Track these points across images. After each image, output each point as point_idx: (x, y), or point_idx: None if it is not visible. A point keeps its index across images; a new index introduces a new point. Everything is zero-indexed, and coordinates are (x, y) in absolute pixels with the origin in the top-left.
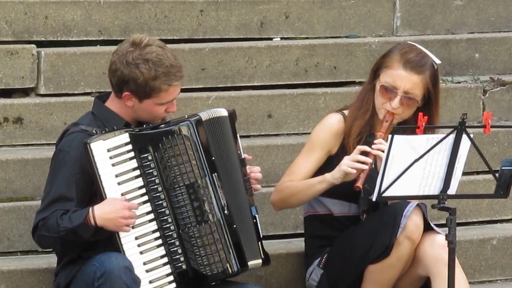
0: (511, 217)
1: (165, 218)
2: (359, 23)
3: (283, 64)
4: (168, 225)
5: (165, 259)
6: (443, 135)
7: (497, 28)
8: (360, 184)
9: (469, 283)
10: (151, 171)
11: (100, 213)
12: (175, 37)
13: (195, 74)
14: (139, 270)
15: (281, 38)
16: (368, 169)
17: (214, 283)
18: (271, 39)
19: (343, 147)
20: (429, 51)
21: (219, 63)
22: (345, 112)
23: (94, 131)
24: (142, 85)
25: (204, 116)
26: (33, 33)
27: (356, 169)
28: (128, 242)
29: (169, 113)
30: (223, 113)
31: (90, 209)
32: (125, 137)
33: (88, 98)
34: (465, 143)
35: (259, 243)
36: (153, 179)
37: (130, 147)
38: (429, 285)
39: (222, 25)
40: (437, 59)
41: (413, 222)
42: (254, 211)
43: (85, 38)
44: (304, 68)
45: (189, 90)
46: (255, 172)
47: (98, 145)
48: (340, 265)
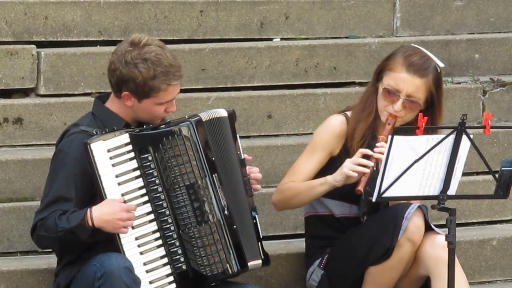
0: (511, 217)
1: (165, 218)
2: (359, 23)
3: (283, 64)
4: (168, 226)
5: (165, 260)
6: (443, 136)
7: (497, 29)
8: (361, 188)
9: (469, 283)
10: (151, 171)
11: (98, 214)
12: (175, 38)
13: (195, 75)
14: (139, 271)
15: (281, 39)
16: (369, 172)
17: (214, 283)
18: (271, 39)
19: (345, 149)
20: (429, 51)
21: (219, 63)
22: (348, 113)
23: (94, 132)
24: (141, 84)
25: (204, 117)
26: (33, 34)
27: (357, 173)
28: (128, 243)
29: (168, 113)
30: (223, 113)
31: (88, 210)
32: (125, 137)
33: (88, 98)
34: (465, 143)
35: (259, 243)
36: (153, 179)
37: (130, 147)
38: (429, 285)
39: (222, 25)
40: (441, 62)
41: (414, 224)
42: (254, 212)
43: (85, 39)
44: (304, 69)
45: (189, 91)
46: (254, 173)
47: (98, 145)
48: (340, 266)
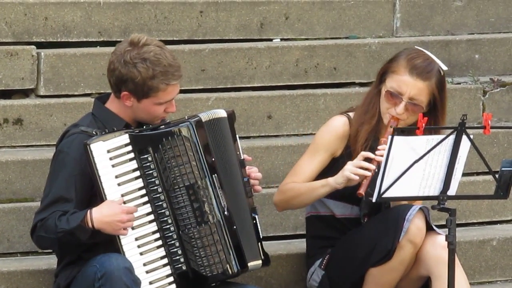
0: (511, 218)
1: (165, 219)
2: (359, 24)
3: (283, 65)
4: (168, 226)
5: (165, 260)
6: (443, 136)
7: (497, 29)
8: (362, 191)
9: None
10: (151, 172)
11: (98, 216)
12: (175, 38)
13: (195, 75)
14: (139, 271)
15: (281, 39)
16: (371, 175)
17: (214, 284)
18: (271, 40)
19: (347, 150)
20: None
21: (219, 64)
22: (350, 115)
23: (94, 132)
24: (140, 84)
25: (204, 117)
26: (33, 34)
27: (359, 176)
28: (128, 243)
29: (168, 113)
30: (223, 114)
31: (88, 211)
32: (125, 138)
33: (88, 99)
34: (465, 144)
35: (259, 244)
36: (153, 180)
37: (130, 148)
38: (429, 285)
39: (222, 26)
40: (444, 66)
41: (415, 226)
42: (254, 213)
43: (85, 39)
44: (304, 69)
45: (189, 91)
46: (254, 173)
47: (98, 146)
48: (341, 267)
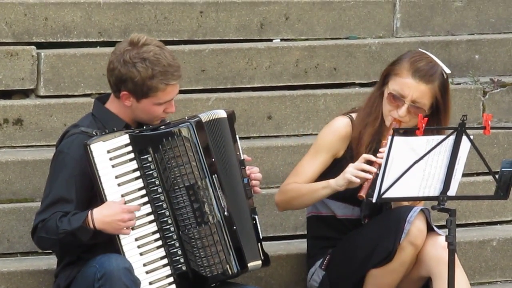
0: (511, 218)
1: (165, 219)
2: (359, 24)
3: (283, 65)
4: (168, 227)
5: (165, 261)
6: (443, 137)
7: (497, 30)
8: (363, 193)
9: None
10: (151, 172)
11: (99, 216)
12: (175, 39)
13: (195, 76)
14: (139, 272)
15: (281, 40)
16: (372, 178)
17: (214, 284)
18: (271, 40)
19: (349, 151)
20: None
21: (219, 64)
22: (353, 115)
23: (94, 133)
24: (139, 84)
25: (204, 118)
26: (33, 35)
27: (360, 178)
28: (128, 244)
29: (168, 113)
30: (223, 114)
31: (89, 212)
32: (125, 138)
33: (88, 99)
34: (465, 144)
35: (259, 244)
36: (153, 180)
37: (130, 148)
38: (430, 285)
39: (222, 26)
40: (447, 69)
41: (416, 228)
42: (254, 213)
43: (85, 40)
44: (304, 70)
45: (189, 92)
46: (254, 173)
47: (98, 146)
48: (342, 268)
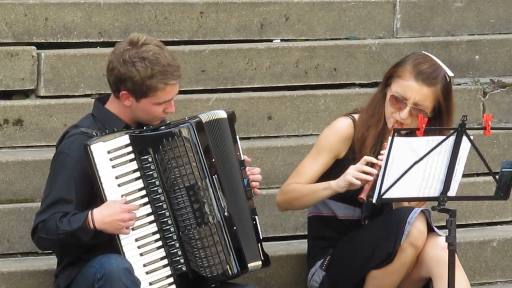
0: (511, 219)
1: (165, 220)
2: (359, 25)
3: (283, 66)
4: (168, 227)
5: (165, 261)
6: (443, 137)
7: (497, 30)
8: (364, 196)
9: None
10: (151, 173)
11: (99, 217)
12: (175, 39)
13: (195, 76)
14: (139, 272)
15: (281, 40)
16: (373, 180)
17: (214, 285)
18: (271, 41)
19: (351, 152)
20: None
21: (219, 64)
22: (355, 116)
23: (94, 133)
24: (138, 83)
25: (204, 118)
26: (33, 35)
27: (360, 180)
28: (128, 244)
29: (167, 113)
30: (223, 115)
31: (89, 212)
32: (125, 139)
33: (88, 100)
34: (465, 145)
35: (259, 244)
36: (153, 181)
37: (130, 148)
38: (430, 285)
39: (222, 26)
40: (450, 72)
41: (417, 229)
42: (254, 214)
43: (85, 40)
44: (304, 70)
45: (189, 92)
46: (254, 174)
47: (98, 147)
48: (342, 269)
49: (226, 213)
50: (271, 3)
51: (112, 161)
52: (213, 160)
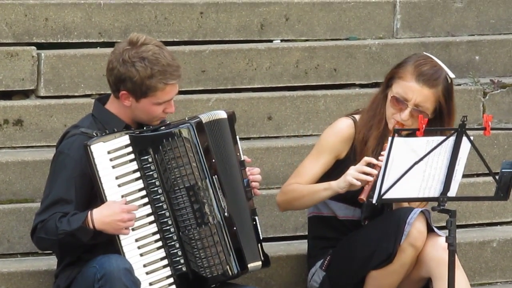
0: (511, 219)
1: (165, 220)
2: (359, 25)
3: (283, 66)
4: (168, 227)
5: (165, 261)
6: (443, 137)
7: (497, 31)
8: (364, 197)
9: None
10: (151, 173)
11: (98, 217)
12: (175, 39)
13: (195, 76)
14: (139, 272)
15: (281, 40)
16: (373, 181)
17: (214, 285)
18: (271, 41)
19: (352, 152)
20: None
21: (219, 65)
22: (356, 117)
23: (94, 134)
24: (138, 83)
25: (204, 118)
26: (33, 35)
27: (361, 181)
28: (128, 244)
29: (167, 114)
30: (223, 115)
31: (89, 212)
32: (125, 139)
33: (88, 100)
34: (465, 145)
35: (259, 245)
36: (153, 181)
37: (130, 149)
38: (429, 286)
39: (222, 27)
40: (452, 73)
41: (416, 229)
42: (254, 214)
43: (85, 40)
44: (304, 70)
45: (189, 92)
46: (254, 174)
47: (99, 147)
48: (342, 269)
49: (226, 214)
50: (271, 3)
51: (112, 161)
52: (213, 160)
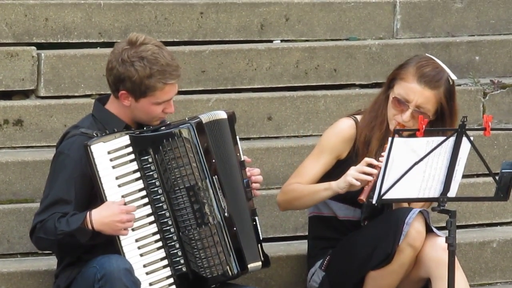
0: (511, 220)
1: (165, 220)
2: (359, 25)
3: (283, 66)
4: (168, 228)
5: (165, 262)
6: (443, 138)
7: (497, 31)
8: (363, 197)
9: (469, 285)
10: (151, 173)
11: (97, 217)
12: (175, 40)
13: (195, 77)
14: (139, 272)
15: (281, 41)
16: (373, 181)
17: (214, 285)
18: (271, 41)
19: (353, 153)
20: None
21: (219, 65)
22: (357, 117)
23: (94, 134)
24: (137, 83)
25: (204, 119)
26: (33, 35)
27: (360, 181)
28: (128, 244)
29: (167, 114)
30: (223, 115)
31: (88, 213)
32: (125, 139)
33: (88, 100)
34: (465, 145)
35: (259, 245)
36: (154, 181)
37: (130, 149)
38: (429, 286)
39: (222, 27)
40: (453, 75)
41: (415, 230)
42: (254, 214)
43: (85, 40)
44: (304, 71)
45: (189, 93)
46: (255, 175)
47: (99, 147)
48: (341, 269)
49: (226, 214)
50: (271, 3)
51: (113, 161)
52: (213, 160)
